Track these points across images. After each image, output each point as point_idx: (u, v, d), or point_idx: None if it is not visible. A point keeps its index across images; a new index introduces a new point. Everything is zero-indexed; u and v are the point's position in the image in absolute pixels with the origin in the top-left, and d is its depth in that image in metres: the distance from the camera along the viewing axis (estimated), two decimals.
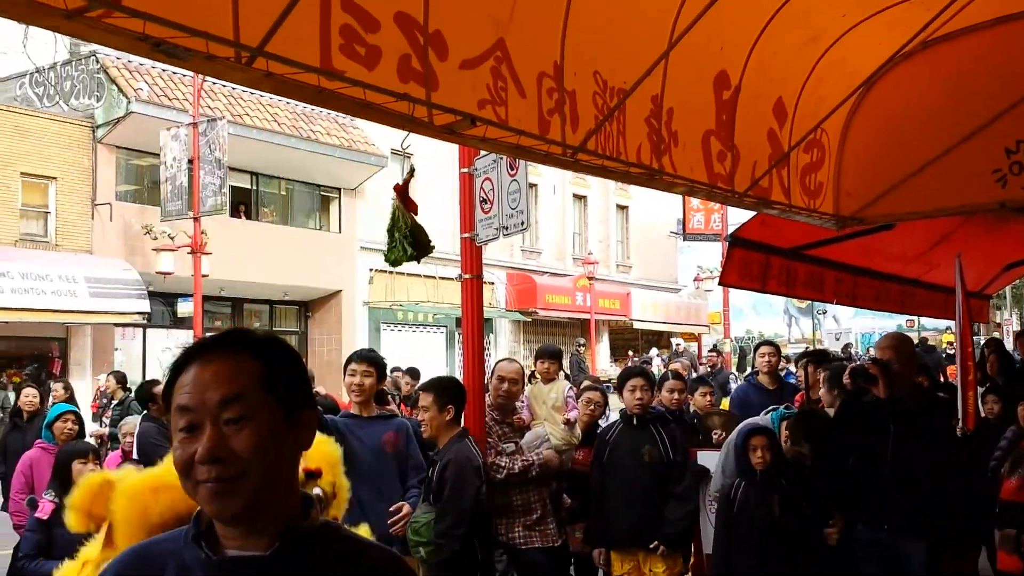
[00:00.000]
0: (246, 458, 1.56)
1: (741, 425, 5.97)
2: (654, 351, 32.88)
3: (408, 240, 5.12)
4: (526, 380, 7.01)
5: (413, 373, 12.25)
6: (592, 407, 6.78)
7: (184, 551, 1.63)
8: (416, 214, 5.25)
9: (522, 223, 5.72)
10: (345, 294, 26.13)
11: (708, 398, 7.41)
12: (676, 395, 7.09)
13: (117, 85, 20.97)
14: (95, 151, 21.29)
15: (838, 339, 39.67)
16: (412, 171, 5.30)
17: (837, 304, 8.46)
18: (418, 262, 5.39)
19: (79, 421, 7.35)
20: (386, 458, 5.32)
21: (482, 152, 5.79)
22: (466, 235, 5.98)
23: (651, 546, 5.94)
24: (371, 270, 25.99)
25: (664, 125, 4.42)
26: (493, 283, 29.13)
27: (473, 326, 5.93)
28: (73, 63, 21.82)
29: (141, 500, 2.57)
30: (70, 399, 10.67)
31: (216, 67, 2.65)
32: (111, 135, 21.26)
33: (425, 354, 26.37)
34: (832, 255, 7.26)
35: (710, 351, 26.96)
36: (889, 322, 38.09)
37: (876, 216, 5.96)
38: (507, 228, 5.80)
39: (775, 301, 54.03)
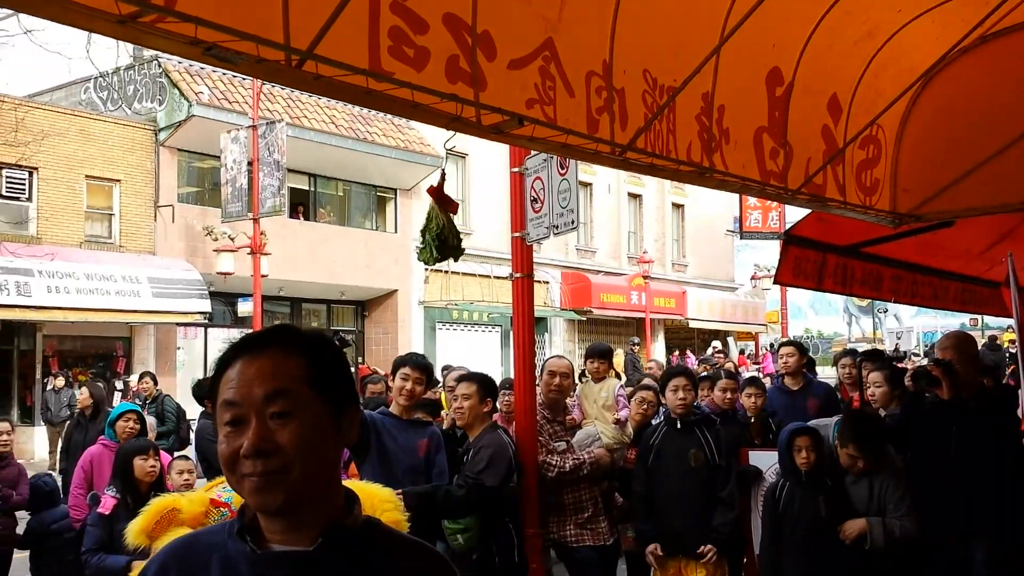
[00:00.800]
0: (291, 452, 1.57)
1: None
2: (710, 350, 32.55)
3: (435, 244, 5.25)
4: (577, 379, 6.99)
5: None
6: (645, 406, 6.75)
7: (228, 544, 1.64)
8: (455, 212, 5.34)
9: (572, 222, 5.72)
10: (401, 294, 26.32)
11: (754, 399, 7.17)
12: (728, 395, 7.03)
13: (179, 89, 21.34)
14: (158, 154, 21.72)
15: (899, 338, 38.94)
16: (443, 175, 5.41)
17: (895, 302, 8.33)
18: (455, 260, 5.54)
19: (140, 420, 7.50)
20: (418, 463, 5.44)
21: (532, 151, 5.80)
22: (517, 234, 6.00)
23: (699, 551, 5.82)
24: (427, 270, 26.12)
25: (715, 123, 4.37)
26: (548, 282, 29.12)
27: (524, 325, 5.95)
28: (136, 68, 22.26)
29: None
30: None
31: (266, 70, 2.68)
32: (173, 138, 21.65)
33: (480, 353, 26.46)
34: (889, 252, 7.13)
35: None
36: (952, 320, 37.39)
37: (934, 213, 5.84)
38: (557, 227, 5.81)
39: (834, 300, 53.47)
